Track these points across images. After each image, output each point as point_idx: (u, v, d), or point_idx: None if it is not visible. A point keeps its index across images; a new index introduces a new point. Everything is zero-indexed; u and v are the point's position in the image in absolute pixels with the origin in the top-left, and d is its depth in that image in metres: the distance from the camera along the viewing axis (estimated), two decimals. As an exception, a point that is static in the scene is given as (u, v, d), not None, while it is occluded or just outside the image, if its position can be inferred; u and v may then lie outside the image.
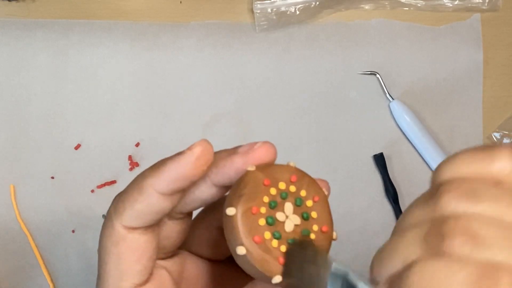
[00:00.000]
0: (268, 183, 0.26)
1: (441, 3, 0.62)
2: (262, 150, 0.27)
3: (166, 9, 0.61)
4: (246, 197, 0.25)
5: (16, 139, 0.58)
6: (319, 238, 0.26)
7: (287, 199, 0.26)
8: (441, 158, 0.59)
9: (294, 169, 0.27)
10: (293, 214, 0.26)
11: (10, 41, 0.59)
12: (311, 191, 0.27)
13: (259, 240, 0.25)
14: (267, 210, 0.25)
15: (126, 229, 0.27)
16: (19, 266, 0.56)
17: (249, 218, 0.25)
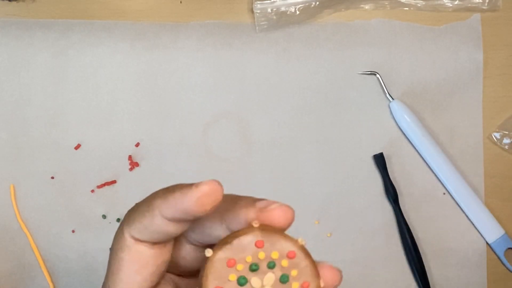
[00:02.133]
0: (261, 245, 0.25)
1: (441, 3, 0.62)
2: (277, 212, 0.26)
3: (166, 9, 0.61)
4: (227, 248, 0.25)
5: (16, 139, 0.58)
6: None
7: (273, 270, 0.25)
8: (441, 158, 0.59)
9: (298, 246, 0.25)
10: (267, 280, 0.25)
11: (10, 41, 0.59)
12: (304, 275, 0.25)
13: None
14: (244, 269, 0.24)
15: (133, 239, 0.28)
16: (19, 266, 0.56)
17: (220, 265, 0.24)
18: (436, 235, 0.60)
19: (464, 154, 0.61)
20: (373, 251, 0.59)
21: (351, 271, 0.59)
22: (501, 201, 0.61)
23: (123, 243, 0.28)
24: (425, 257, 0.59)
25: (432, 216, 0.60)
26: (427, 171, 0.60)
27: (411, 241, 0.58)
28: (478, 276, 0.59)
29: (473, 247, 0.60)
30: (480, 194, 0.60)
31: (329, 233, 0.59)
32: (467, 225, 0.60)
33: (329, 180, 0.60)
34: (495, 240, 0.59)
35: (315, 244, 0.59)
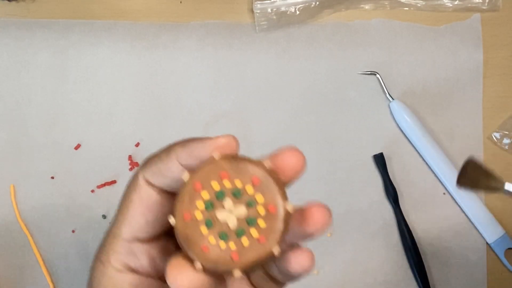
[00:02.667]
0: (226, 175, 0.26)
1: (441, 3, 0.62)
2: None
3: (166, 9, 0.61)
4: (196, 175, 0.26)
5: (16, 139, 0.58)
6: (252, 245, 0.25)
7: (239, 199, 0.25)
8: (441, 158, 0.59)
9: (262, 170, 0.26)
10: (236, 211, 0.25)
11: (10, 41, 0.59)
12: (269, 198, 0.25)
13: (188, 218, 0.25)
14: (211, 197, 0.25)
15: (144, 181, 0.28)
16: (19, 266, 0.56)
17: (188, 193, 0.25)
18: (436, 235, 0.60)
19: (464, 154, 0.61)
20: (373, 251, 0.59)
21: (351, 271, 0.59)
22: (501, 201, 0.61)
23: (134, 185, 0.29)
24: (425, 257, 0.59)
25: (432, 216, 0.60)
26: (427, 171, 0.60)
27: (411, 241, 0.58)
28: (478, 276, 0.59)
29: (473, 247, 0.60)
30: (480, 194, 0.60)
31: (329, 233, 0.59)
32: (467, 225, 0.60)
33: (329, 180, 0.60)
34: (495, 240, 0.59)
35: (315, 244, 0.59)
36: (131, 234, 0.29)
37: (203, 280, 0.25)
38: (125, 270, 0.29)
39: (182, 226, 0.25)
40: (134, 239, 0.29)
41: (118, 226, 0.29)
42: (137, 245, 0.29)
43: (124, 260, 0.29)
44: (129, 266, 0.29)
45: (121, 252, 0.29)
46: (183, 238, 0.25)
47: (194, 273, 0.25)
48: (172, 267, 0.25)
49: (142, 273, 0.29)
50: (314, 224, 0.27)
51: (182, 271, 0.25)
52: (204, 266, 0.25)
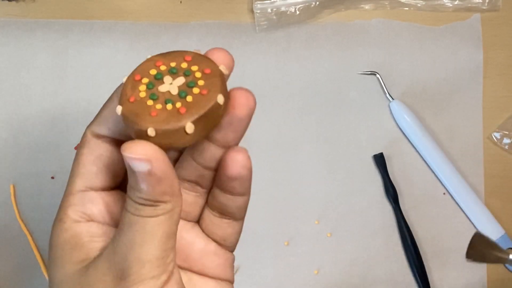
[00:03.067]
0: (161, 63, 0.27)
1: (441, 3, 0.62)
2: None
3: (166, 9, 0.61)
4: (134, 71, 0.27)
5: (16, 139, 0.58)
6: (196, 99, 0.26)
7: (176, 74, 0.27)
8: (441, 158, 0.59)
9: (193, 52, 0.28)
10: (176, 82, 0.27)
11: (10, 41, 0.59)
12: (203, 65, 0.27)
13: (133, 99, 0.26)
14: (150, 80, 0.27)
15: (92, 134, 0.29)
16: (19, 266, 0.56)
17: (130, 83, 0.26)
18: (436, 235, 0.60)
19: (464, 154, 0.61)
20: (373, 251, 0.59)
21: (351, 271, 0.59)
22: (501, 201, 0.61)
23: (83, 140, 0.29)
24: (425, 257, 0.59)
25: (432, 216, 0.60)
26: (427, 171, 0.60)
27: (411, 241, 0.58)
28: (478, 276, 0.59)
29: (473, 247, 0.60)
30: (480, 194, 0.60)
31: (329, 233, 0.59)
32: (467, 225, 0.60)
33: (329, 180, 0.60)
34: (495, 240, 0.59)
35: (315, 244, 0.59)
36: (85, 184, 0.28)
37: (159, 150, 0.25)
38: (82, 220, 0.28)
39: (128, 107, 0.26)
40: (88, 188, 0.29)
41: (71, 182, 0.29)
42: (92, 193, 0.29)
43: (81, 209, 0.28)
44: (86, 215, 0.28)
45: (77, 204, 0.28)
46: (130, 115, 0.25)
47: (148, 142, 0.25)
48: (125, 144, 0.25)
49: (100, 221, 0.29)
50: (238, 105, 0.29)
51: (136, 142, 0.25)
52: (156, 130, 0.25)
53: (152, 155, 0.25)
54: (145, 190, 0.25)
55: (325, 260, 0.58)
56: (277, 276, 0.58)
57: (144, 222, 0.26)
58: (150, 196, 0.25)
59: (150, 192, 0.25)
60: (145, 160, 0.24)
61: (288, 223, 0.59)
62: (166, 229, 0.26)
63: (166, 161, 0.25)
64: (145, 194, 0.25)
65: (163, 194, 0.25)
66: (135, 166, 0.25)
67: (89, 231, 0.28)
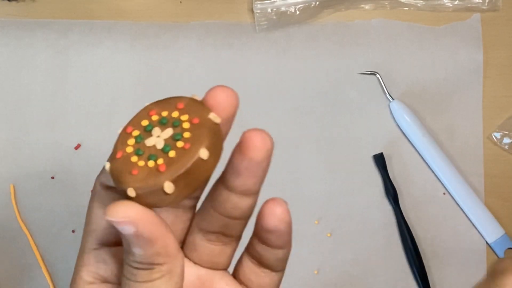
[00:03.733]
0: (154, 112, 0.26)
1: (441, 3, 0.62)
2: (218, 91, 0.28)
3: (166, 9, 0.61)
4: (128, 123, 0.26)
5: (16, 139, 0.58)
6: (178, 154, 0.24)
7: (165, 125, 0.25)
8: (441, 158, 0.59)
9: (187, 98, 0.26)
10: (164, 134, 0.25)
11: (10, 41, 0.59)
12: (193, 114, 0.25)
13: (120, 155, 0.24)
14: (141, 132, 0.25)
15: (101, 186, 0.27)
16: (19, 266, 0.56)
17: (122, 137, 0.25)
18: (436, 235, 0.60)
19: (464, 154, 0.61)
20: (373, 251, 0.59)
21: (351, 271, 0.59)
22: (501, 201, 0.61)
23: (93, 192, 0.28)
24: (425, 257, 0.59)
25: (432, 216, 0.60)
26: (427, 171, 0.60)
27: (411, 241, 0.58)
28: (478, 276, 0.59)
29: (473, 247, 0.60)
30: (480, 194, 0.60)
31: (329, 233, 0.59)
32: (467, 225, 0.60)
33: (329, 180, 0.60)
34: (495, 240, 0.59)
35: (315, 244, 0.59)
36: (97, 241, 0.27)
37: (144, 210, 0.23)
38: (96, 281, 0.27)
39: (114, 164, 0.24)
40: (101, 245, 0.27)
41: (85, 239, 0.28)
42: (105, 250, 0.27)
43: (94, 270, 0.27)
44: (100, 276, 0.27)
45: (90, 264, 0.27)
46: (114, 172, 0.24)
47: (132, 203, 0.23)
48: (109, 206, 0.23)
49: (113, 281, 0.27)
50: (254, 148, 0.26)
51: (119, 203, 0.23)
52: (135, 189, 0.23)
53: (135, 216, 0.23)
54: (137, 253, 0.24)
55: (325, 260, 0.58)
56: None
57: (141, 287, 0.24)
58: (143, 259, 0.24)
59: (142, 255, 0.24)
60: (128, 223, 0.23)
61: (288, 223, 0.59)
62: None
63: (154, 220, 0.23)
64: (138, 257, 0.24)
65: (157, 256, 0.24)
66: (121, 229, 0.23)
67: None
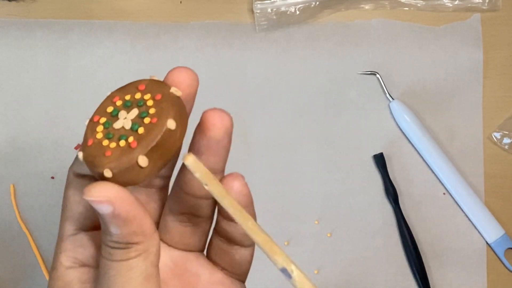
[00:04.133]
0: (117, 98, 0.26)
1: (441, 3, 0.62)
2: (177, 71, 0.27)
3: (166, 9, 0.61)
4: (94, 112, 0.26)
5: (16, 139, 0.58)
6: (146, 129, 0.25)
7: (130, 107, 0.26)
8: (441, 158, 0.59)
9: (147, 80, 0.27)
10: (130, 115, 0.26)
11: (10, 41, 0.59)
12: (155, 92, 0.26)
13: (91, 142, 0.25)
14: (107, 118, 0.26)
15: (74, 175, 0.28)
16: (19, 266, 0.56)
17: (90, 126, 0.26)
18: (436, 235, 0.60)
19: (464, 154, 0.61)
20: (373, 251, 0.59)
21: (351, 271, 0.59)
22: (501, 201, 0.61)
23: (67, 182, 0.28)
24: (425, 257, 0.59)
25: (432, 216, 0.60)
26: (427, 171, 0.60)
27: (411, 241, 0.58)
28: (478, 276, 0.59)
29: (473, 247, 0.60)
30: (480, 194, 0.60)
31: (329, 233, 0.59)
32: (467, 225, 0.60)
33: (329, 180, 0.60)
34: (495, 240, 0.59)
35: (315, 244, 0.59)
36: (74, 227, 0.28)
37: (121, 190, 0.24)
38: (74, 265, 0.28)
39: (87, 151, 0.25)
40: (78, 230, 0.28)
41: (61, 226, 0.28)
42: (82, 235, 0.28)
43: (72, 255, 0.28)
44: (78, 260, 0.28)
45: (68, 249, 0.28)
46: (88, 158, 0.25)
47: (108, 183, 0.24)
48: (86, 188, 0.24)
49: (92, 264, 0.28)
50: (213, 127, 0.27)
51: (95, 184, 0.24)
52: (111, 170, 0.24)
53: (112, 195, 0.24)
54: (114, 233, 0.24)
55: (325, 260, 0.58)
56: (277, 276, 0.58)
57: (118, 266, 0.25)
58: (120, 238, 0.24)
59: (119, 235, 0.24)
60: (106, 202, 0.23)
61: (288, 223, 0.59)
62: (142, 271, 0.25)
63: (130, 200, 0.24)
64: (115, 237, 0.24)
65: (133, 235, 0.24)
66: (98, 209, 0.24)
67: (80, 277, 0.27)
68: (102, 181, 0.24)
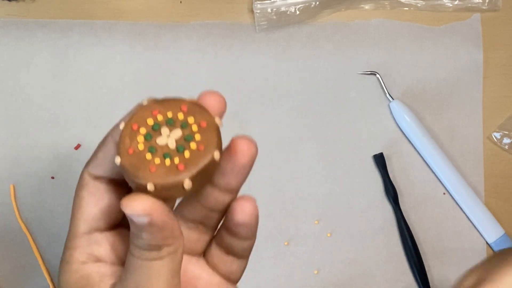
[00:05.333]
0: (157, 112, 0.28)
1: (441, 3, 0.62)
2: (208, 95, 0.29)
3: (166, 9, 0.61)
4: (131, 119, 0.27)
5: (16, 139, 0.58)
6: (193, 155, 0.27)
7: (173, 125, 0.28)
8: (441, 158, 0.59)
9: (187, 101, 0.28)
10: (173, 134, 0.27)
11: (10, 41, 0.59)
12: (199, 117, 0.28)
13: (132, 152, 0.27)
14: (148, 130, 0.27)
15: (90, 176, 0.29)
16: (19, 266, 0.56)
17: (128, 133, 0.27)
18: (436, 235, 0.60)
19: (464, 154, 0.61)
20: (373, 251, 0.59)
21: (351, 271, 0.59)
22: (501, 201, 0.61)
23: (81, 183, 0.29)
24: (425, 257, 0.59)
25: (432, 216, 0.60)
26: (427, 171, 0.60)
27: (411, 241, 0.58)
28: (478, 276, 0.59)
29: (473, 247, 0.60)
30: (480, 194, 0.60)
31: (329, 233, 0.59)
32: (467, 225, 0.60)
33: (329, 180, 0.60)
34: (495, 240, 0.59)
35: (315, 244, 0.59)
36: (89, 226, 0.29)
37: (157, 202, 0.26)
38: (90, 261, 0.29)
39: (127, 159, 0.26)
40: (93, 230, 0.29)
41: (75, 224, 0.29)
42: (97, 234, 0.29)
43: (87, 251, 0.29)
44: (93, 256, 0.29)
45: (83, 246, 0.29)
46: (130, 168, 0.26)
47: (147, 196, 0.26)
48: (125, 199, 0.26)
49: (107, 260, 0.29)
50: (241, 153, 0.29)
51: (135, 197, 0.25)
52: (155, 185, 0.26)
53: (151, 208, 0.25)
54: (147, 238, 0.26)
55: (325, 260, 0.58)
56: (277, 276, 0.58)
57: (149, 264, 0.27)
58: (153, 242, 0.26)
59: (151, 239, 0.26)
60: (144, 215, 0.25)
61: (288, 223, 0.59)
62: (170, 268, 0.27)
63: (165, 211, 0.26)
64: (147, 241, 0.26)
65: (165, 239, 0.26)
66: (135, 220, 0.26)
67: (98, 271, 0.29)
68: (138, 193, 0.26)
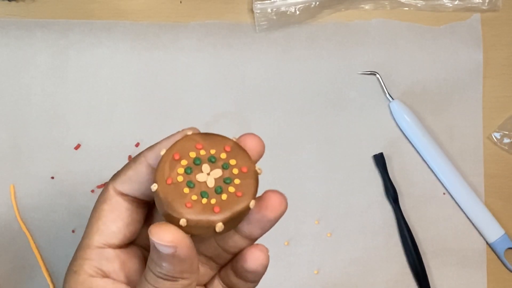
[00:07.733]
0: (201, 146, 0.28)
1: (441, 3, 0.62)
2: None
3: (166, 9, 0.61)
4: (173, 147, 0.28)
5: (16, 139, 0.58)
6: (230, 199, 0.27)
7: (215, 164, 0.28)
8: (441, 158, 0.59)
9: (232, 142, 0.29)
10: (213, 173, 0.28)
11: (10, 41, 0.59)
12: (241, 162, 0.28)
13: (170, 182, 0.27)
14: (189, 163, 0.27)
15: (115, 192, 0.29)
16: (19, 266, 0.56)
17: (168, 162, 0.27)
18: (436, 235, 0.60)
19: (464, 154, 0.61)
20: (373, 251, 0.59)
21: (351, 271, 0.59)
22: (501, 201, 0.61)
23: (105, 195, 0.30)
24: (425, 257, 0.59)
25: (432, 216, 0.60)
26: (427, 171, 0.60)
27: (411, 241, 0.58)
28: (478, 276, 0.59)
29: (473, 247, 0.60)
30: (480, 194, 0.60)
31: (329, 233, 0.59)
32: (467, 225, 0.60)
33: (329, 180, 0.60)
34: (495, 240, 0.59)
35: (315, 244, 0.59)
36: (103, 241, 0.29)
37: (186, 237, 0.26)
38: (97, 275, 0.29)
39: (164, 189, 0.27)
40: (106, 246, 0.29)
41: (90, 236, 0.30)
42: (109, 251, 0.29)
43: (97, 265, 0.29)
44: (101, 271, 0.29)
45: (93, 259, 0.29)
46: (165, 198, 0.26)
47: (177, 229, 0.26)
48: (155, 226, 0.26)
49: (114, 278, 0.29)
50: (271, 208, 0.29)
51: (165, 227, 0.26)
52: (188, 221, 0.26)
53: (178, 241, 0.26)
54: (166, 267, 0.26)
55: (325, 260, 0.58)
56: (277, 276, 0.58)
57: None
58: (170, 273, 0.26)
59: (170, 270, 0.26)
60: (171, 246, 0.26)
61: (288, 223, 0.59)
62: None
63: (190, 246, 0.26)
64: (166, 271, 0.26)
65: (183, 272, 0.27)
66: (160, 248, 0.26)
67: (104, 286, 0.29)
68: (168, 224, 0.26)
